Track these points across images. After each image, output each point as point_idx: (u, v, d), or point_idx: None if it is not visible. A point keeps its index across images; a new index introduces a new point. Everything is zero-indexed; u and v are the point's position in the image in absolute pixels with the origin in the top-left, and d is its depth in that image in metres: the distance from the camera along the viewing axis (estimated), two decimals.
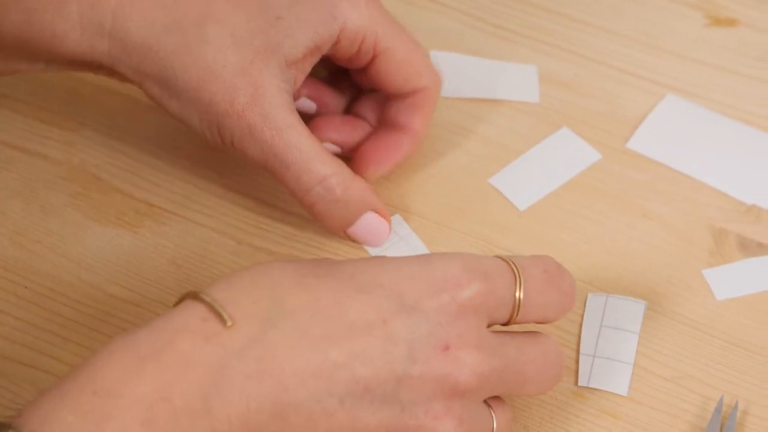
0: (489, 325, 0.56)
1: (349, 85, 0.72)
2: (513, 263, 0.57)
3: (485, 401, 0.57)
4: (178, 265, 0.67)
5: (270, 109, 0.64)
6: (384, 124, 0.70)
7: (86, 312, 0.65)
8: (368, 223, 0.67)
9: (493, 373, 0.55)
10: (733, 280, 0.68)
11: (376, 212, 0.67)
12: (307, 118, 0.69)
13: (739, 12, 0.81)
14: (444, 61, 0.77)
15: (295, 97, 0.71)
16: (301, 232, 0.69)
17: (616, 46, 0.79)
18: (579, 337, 0.65)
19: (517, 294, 0.56)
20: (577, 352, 0.64)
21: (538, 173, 0.72)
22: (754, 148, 0.74)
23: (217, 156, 0.71)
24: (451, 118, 0.75)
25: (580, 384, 0.63)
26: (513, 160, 0.73)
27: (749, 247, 0.69)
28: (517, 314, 0.57)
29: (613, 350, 0.64)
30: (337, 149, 0.70)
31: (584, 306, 0.66)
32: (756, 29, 0.80)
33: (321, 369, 0.52)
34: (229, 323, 0.52)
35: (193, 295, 0.53)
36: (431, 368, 0.53)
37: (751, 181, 0.72)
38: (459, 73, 0.77)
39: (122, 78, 0.66)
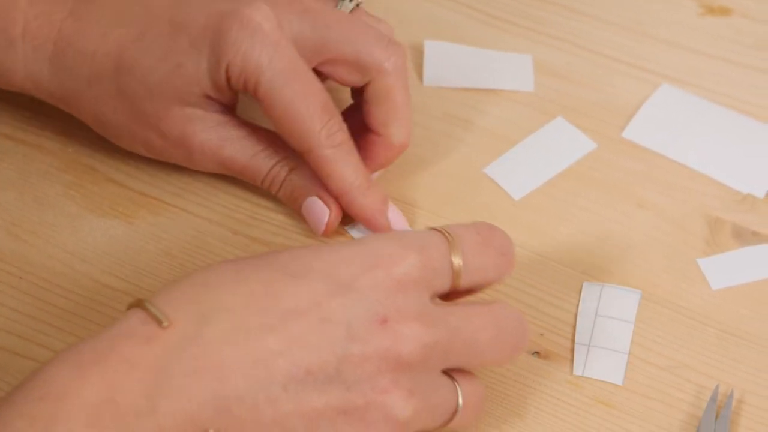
0: (433, 297, 0.56)
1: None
2: (447, 232, 0.57)
3: (449, 375, 0.57)
4: (173, 255, 0.67)
5: (201, 137, 0.67)
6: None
7: (81, 302, 0.65)
8: (308, 206, 0.67)
9: (438, 344, 0.55)
10: (728, 269, 0.68)
11: (321, 199, 0.67)
12: None
13: (732, 0, 0.81)
14: (439, 50, 0.77)
15: None
16: (296, 222, 0.69)
17: (611, 36, 0.79)
18: (574, 326, 0.65)
19: (454, 261, 0.56)
20: (572, 341, 0.64)
21: (533, 163, 0.72)
22: (749, 137, 0.74)
23: None
24: (445, 108, 0.74)
25: (575, 373, 0.63)
26: (508, 150, 0.73)
27: (744, 236, 0.69)
28: (459, 281, 0.56)
29: (609, 339, 0.64)
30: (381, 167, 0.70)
31: (579, 295, 0.66)
32: (750, 18, 0.80)
33: (260, 358, 0.52)
34: (165, 324, 0.53)
35: (137, 303, 0.54)
36: (372, 345, 0.53)
37: (746, 170, 0.72)
38: (454, 62, 0.77)
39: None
